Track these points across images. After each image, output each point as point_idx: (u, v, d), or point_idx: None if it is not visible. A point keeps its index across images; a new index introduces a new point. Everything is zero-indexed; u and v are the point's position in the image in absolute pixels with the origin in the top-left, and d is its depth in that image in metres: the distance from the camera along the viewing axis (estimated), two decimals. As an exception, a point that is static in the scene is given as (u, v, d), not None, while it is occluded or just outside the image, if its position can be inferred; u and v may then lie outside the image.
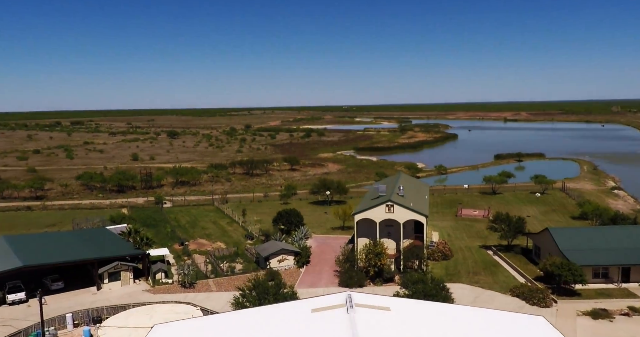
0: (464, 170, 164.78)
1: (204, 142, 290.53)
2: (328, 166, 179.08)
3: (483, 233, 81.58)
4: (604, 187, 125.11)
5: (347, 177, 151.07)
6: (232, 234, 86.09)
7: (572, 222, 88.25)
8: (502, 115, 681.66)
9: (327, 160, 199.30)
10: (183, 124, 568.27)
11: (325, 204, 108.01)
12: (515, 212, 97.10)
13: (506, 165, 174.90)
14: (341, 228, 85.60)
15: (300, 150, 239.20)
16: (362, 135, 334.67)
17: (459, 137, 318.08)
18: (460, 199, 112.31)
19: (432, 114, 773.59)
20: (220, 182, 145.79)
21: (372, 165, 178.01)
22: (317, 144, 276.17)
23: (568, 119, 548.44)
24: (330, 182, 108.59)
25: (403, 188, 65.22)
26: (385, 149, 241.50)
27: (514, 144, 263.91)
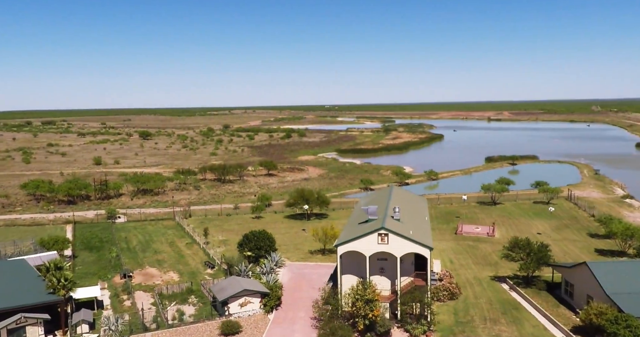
0: (456, 175, 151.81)
1: (177, 144, 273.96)
2: (308, 171, 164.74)
3: (491, 258, 68.10)
4: (612, 195, 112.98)
5: (329, 184, 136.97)
6: (190, 260, 71.25)
7: (593, 242, 75.29)
8: (484, 114, 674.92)
9: (308, 163, 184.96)
10: (160, 124, 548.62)
11: (303, 218, 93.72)
12: (523, 227, 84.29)
13: (500, 169, 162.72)
14: (321, 252, 71.39)
15: (279, 153, 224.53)
16: (344, 136, 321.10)
17: (445, 138, 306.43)
18: (457, 211, 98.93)
19: (415, 114, 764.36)
20: (187, 190, 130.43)
21: (356, 170, 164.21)
22: (298, 145, 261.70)
23: (552, 119, 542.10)
24: (309, 193, 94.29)
25: (399, 210, 51.15)
26: (370, 151, 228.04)
27: (503, 145, 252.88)
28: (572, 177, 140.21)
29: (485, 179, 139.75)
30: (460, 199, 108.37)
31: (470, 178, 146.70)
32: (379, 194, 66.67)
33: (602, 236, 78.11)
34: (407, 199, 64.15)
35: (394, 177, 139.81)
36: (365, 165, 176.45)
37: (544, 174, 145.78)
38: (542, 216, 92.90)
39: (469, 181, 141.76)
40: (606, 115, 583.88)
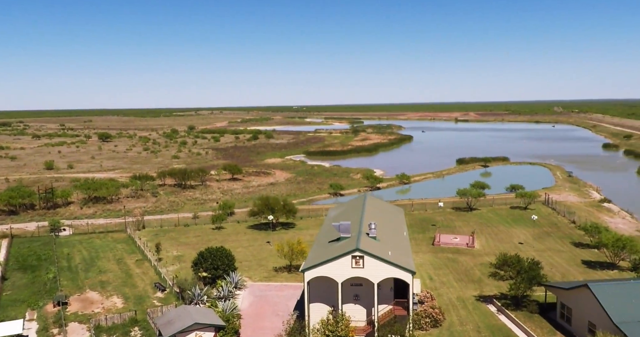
0: (428, 178, 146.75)
1: (138, 146, 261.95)
2: (275, 174, 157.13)
3: (473, 273, 62.21)
4: (589, 198, 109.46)
5: (297, 189, 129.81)
6: (138, 280, 63.00)
7: (579, 252, 70.36)
8: (451, 115, 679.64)
9: (275, 166, 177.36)
10: (122, 126, 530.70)
11: (268, 229, 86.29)
12: (503, 236, 79.01)
13: (472, 172, 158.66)
14: (287, 269, 64.17)
15: (245, 155, 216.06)
16: (313, 137, 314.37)
17: (414, 139, 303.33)
18: (432, 218, 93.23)
19: (383, 115, 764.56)
20: (144, 197, 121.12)
21: (325, 173, 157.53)
22: (265, 147, 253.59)
23: (517, 120, 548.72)
24: (274, 201, 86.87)
25: (375, 226, 44.48)
26: (339, 152, 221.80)
27: (472, 146, 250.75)
28: (545, 180, 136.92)
29: (459, 182, 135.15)
30: (435, 204, 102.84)
31: (443, 181, 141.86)
32: (351, 204, 59.93)
33: (587, 245, 73.51)
34: (383, 210, 57.60)
35: (364, 181, 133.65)
36: (335, 168, 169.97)
37: (517, 177, 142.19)
38: (521, 223, 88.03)
39: (442, 184, 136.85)
40: (569, 116, 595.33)
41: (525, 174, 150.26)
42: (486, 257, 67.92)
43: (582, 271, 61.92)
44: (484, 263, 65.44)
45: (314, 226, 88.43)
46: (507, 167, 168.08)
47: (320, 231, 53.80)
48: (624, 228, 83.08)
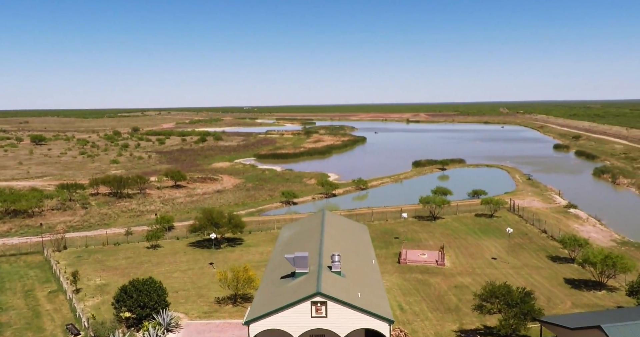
0: (386, 182, 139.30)
1: (75, 150, 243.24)
2: (223, 180, 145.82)
3: (449, 299, 54.13)
4: (554, 204, 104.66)
5: (246, 197, 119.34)
6: (47, 321, 51.31)
7: (559, 268, 63.74)
8: (403, 116, 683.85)
9: (223, 171, 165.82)
10: (61, 127, 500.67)
11: (212, 246, 75.71)
12: (473, 250, 71.71)
13: (430, 175, 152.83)
14: (232, 301, 54.05)
15: (191, 159, 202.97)
16: (264, 139, 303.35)
17: (367, 140, 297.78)
18: (394, 229, 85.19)
19: (335, 115, 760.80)
20: (72, 210, 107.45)
21: (277, 178, 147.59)
22: (213, 150, 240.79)
23: (467, 120, 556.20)
24: (218, 215, 76.25)
25: (339, 257, 35.28)
26: (291, 155, 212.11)
27: (426, 148, 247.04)
28: (505, 183, 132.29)
29: (418, 187, 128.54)
30: (396, 213, 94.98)
31: (401, 186, 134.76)
32: (307, 223, 50.48)
33: (565, 258, 67.27)
34: (344, 230, 48.56)
35: (319, 187, 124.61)
36: (287, 173, 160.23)
37: (476, 180, 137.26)
38: (490, 234, 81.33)
39: (401, 189, 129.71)
40: (515, 116, 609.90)
41: (484, 177, 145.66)
42: (459, 278, 60.20)
43: (568, 293, 55.07)
44: (458, 285, 57.64)
45: (264, 242, 78.56)
46: (464, 170, 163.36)
47: (270, 260, 44.05)
48: (597, 237, 77.75)
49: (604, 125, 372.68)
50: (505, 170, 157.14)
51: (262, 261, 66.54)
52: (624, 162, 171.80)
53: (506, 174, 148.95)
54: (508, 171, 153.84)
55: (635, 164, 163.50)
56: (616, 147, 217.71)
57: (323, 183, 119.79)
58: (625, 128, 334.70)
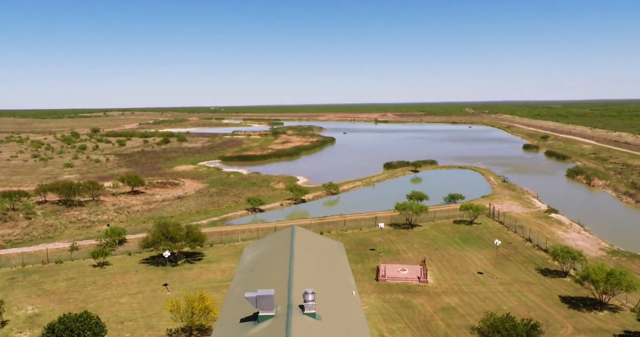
0: (357, 186, 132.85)
1: (27, 152, 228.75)
2: (184, 185, 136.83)
3: (436, 325, 47.74)
4: (533, 208, 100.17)
5: (209, 203, 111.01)
6: (-41, 365, 42.60)
7: (551, 284, 58.27)
8: (371, 116, 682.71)
9: (185, 175, 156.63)
10: (17, 128, 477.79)
11: (167, 263, 67.54)
12: (457, 263, 65.75)
13: (402, 178, 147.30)
14: (187, 334, 46.29)
15: (153, 162, 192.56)
16: (230, 140, 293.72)
17: (336, 141, 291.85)
18: (369, 239, 78.67)
19: (303, 116, 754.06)
20: (14, 220, 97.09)
21: (243, 182, 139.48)
22: (176, 152, 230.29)
23: (434, 121, 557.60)
24: (175, 229, 68.05)
25: (314, 295, 28.15)
26: (258, 157, 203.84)
27: (396, 148, 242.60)
28: (481, 186, 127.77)
29: (391, 190, 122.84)
30: (370, 220, 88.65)
31: (374, 190, 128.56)
32: (274, 245, 43.14)
33: (555, 271, 62.02)
34: (319, 253, 41.46)
35: (287, 192, 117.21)
36: (254, 176, 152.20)
37: (451, 183, 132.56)
38: (471, 243, 75.71)
39: (374, 194, 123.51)
40: (481, 116, 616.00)
41: (458, 179, 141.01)
42: (445, 298, 53.98)
43: (567, 315, 49.48)
44: (445, 307, 51.36)
45: (227, 256, 70.86)
46: (437, 172, 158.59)
47: (229, 291, 36.42)
48: (584, 246, 73.01)
49: (568, 125, 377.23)
50: (479, 171, 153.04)
51: (225, 281, 58.97)
52: (595, 162, 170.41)
53: (480, 176, 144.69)
54: (482, 173, 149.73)
55: (607, 165, 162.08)
56: (585, 147, 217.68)
57: (292, 188, 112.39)
58: (590, 128, 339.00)
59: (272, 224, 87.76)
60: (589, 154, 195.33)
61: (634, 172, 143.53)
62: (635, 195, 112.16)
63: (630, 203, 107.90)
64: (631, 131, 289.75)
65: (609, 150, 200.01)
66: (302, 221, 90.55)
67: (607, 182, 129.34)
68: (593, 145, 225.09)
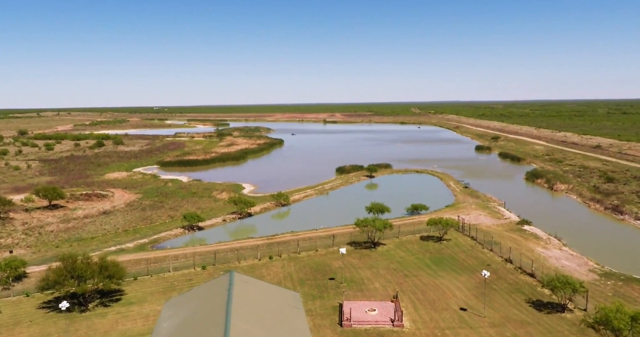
0: (310, 195, 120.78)
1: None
2: (114, 197, 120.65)
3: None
4: (504, 219, 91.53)
5: (139, 220, 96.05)
6: None
7: (549, 322, 48.32)
8: (319, 116, 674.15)
9: (117, 184, 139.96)
10: None
11: (74, 308, 53.08)
12: (434, 296, 55.09)
13: (357, 185, 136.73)
14: None
15: (82, 168, 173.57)
16: (171, 143, 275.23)
17: (285, 143, 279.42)
18: (328, 264, 66.92)
19: (250, 116, 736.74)
20: None
21: (181, 192, 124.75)
22: (110, 156, 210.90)
23: (383, 121, 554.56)
24: (83, 266, 53.60)
25: None
26: (200, 162, 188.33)
27: (348, 151, 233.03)
28: (442, 193, 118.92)
29: (347, 200, 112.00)
30: (327, 238, 77.04)
31: (327, 200, 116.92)
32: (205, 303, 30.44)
33: (550, 304, 52.40)
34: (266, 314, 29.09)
35: (231, 206, 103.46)
36: (194, 184, 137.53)
37: (410, 190, 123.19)
38: (444, 266, 65.40)
39: (328, 204, 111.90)
40: (428, 117, 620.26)
41: (417, 185, 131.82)
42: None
43: (583, 372, 39.50)
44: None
45: (154, 295, 57.17)
46: (393, 177, 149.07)
47: None
48: (573, 267, 64.18)
49: (513, 126, 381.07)
50: (437, 176, 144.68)
51: (146, 335, 45.57)
52: (551, 164, 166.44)
53: (439, 182, 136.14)
54: (440, 178, 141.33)
55: (563, 167, 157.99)
56: (536, 148, 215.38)
57: (236, 201, 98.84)
58: (535, 128, 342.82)
59: (213, 247, 74.64)
60: (542, 155, 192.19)
61: (592, 175, 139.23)
62: (602, 201, 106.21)
63: (599, 210, 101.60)
64: (575, 131, 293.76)
65: (562, 152, 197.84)
66: (248, 242, 77.79)
67: (570, 187, 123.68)
68: (544, 145, 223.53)
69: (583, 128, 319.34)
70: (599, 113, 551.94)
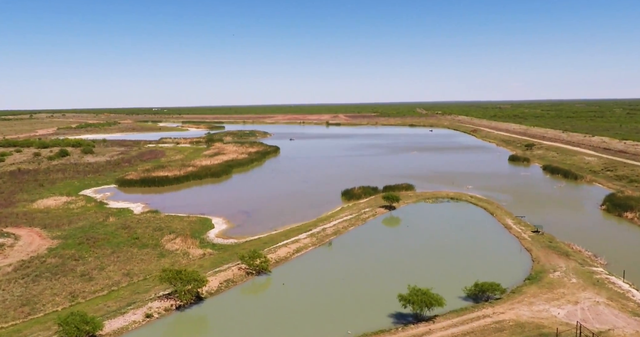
0: (303, 249, 80.00)
1: None
2: (14, 246, 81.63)
3: None
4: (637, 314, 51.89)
5: (15, 305, 56.88)
6: None
7: None
8: (321, 118, 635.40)
9: (42, 217, 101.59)
10: None
11: None
12: None
13: (373, 221, 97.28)
14: None
15: (15, 189, 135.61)
16: (149, 152, 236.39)
17: (281, 151, 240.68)
18: None
19: (249, 117, 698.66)
20: None
21: (119, 236, 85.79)
22: (66, 171, 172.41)
23: (390, 123, 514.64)
24: None
25: None
26: (170, 180, 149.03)
27: (353, 160, 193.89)
28: (504, 243, 79.39)
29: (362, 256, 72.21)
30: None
31: (330, 258, 76.40)
32: None
33: None
34: None
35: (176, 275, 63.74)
36: (145, 220, 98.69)
37: (451, 235, 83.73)
38: None
39: (331, 268, 71.45)
40: (436, 118, 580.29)
41: (458, 224, 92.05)
42: None
43: None
44: None
45: None
46: (421, 208, 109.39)
47: None
48: None
49: (535, 128, 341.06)
50: (482, 207, 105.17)
51: None
52: (623, 185, 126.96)
53: (489, 217, 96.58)
54: (488, 210, 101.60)
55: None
56: (587, 159, 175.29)
57: (172, 278, 58.40)
58: (561, 131, 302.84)
59: None
60: (602, 170, 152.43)
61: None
62: None
63: None
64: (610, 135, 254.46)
65: (625, 165, 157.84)
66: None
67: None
68: (595, 156, 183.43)
69: (614, 131, 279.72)
70: (617, 113, 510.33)
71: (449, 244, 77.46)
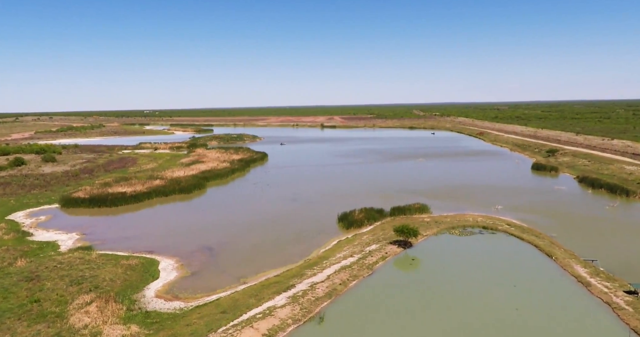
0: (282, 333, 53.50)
1: None
2: None
3: None
4: None
5: None
6: None
7: None
8: (316, 120, 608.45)
9: None
10: None
11: None
12: None
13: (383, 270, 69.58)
14: None
15: None
16: (119, 160, 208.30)
17: (269, 158, 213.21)
18: None
19: (240, 120, 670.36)
20: None
21: (15, 294, 58.04)
22: (9, 184, 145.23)
23: (388, 125, 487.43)
24: None
25: None
26: (127, 198, 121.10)
27: (350, 169, 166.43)
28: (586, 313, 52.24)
29: None
30: None
31: None
32: None
33: None
34: None
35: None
36: (68, 263, 71.45)
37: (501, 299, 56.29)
38: None
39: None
40: (436, 120, 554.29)
41: (509, 278, 64.65)
42: None
43: None
44: None
45: None
46: (447, 244, 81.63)
47: None
48: None
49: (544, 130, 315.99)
50: (528, 241, 77.73)
51: None
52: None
53: (548, 263, 68.99)
54: (547, 252, 73.82)
55: None
56: (629, 168, 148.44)
57: None
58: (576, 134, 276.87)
59: None
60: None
61: None
62: None
63: None
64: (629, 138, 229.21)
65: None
66: None
67: None
68: (635, 164, 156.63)
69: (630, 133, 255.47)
70: (621, 114, 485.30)
71: (504, 318, 50.07)
